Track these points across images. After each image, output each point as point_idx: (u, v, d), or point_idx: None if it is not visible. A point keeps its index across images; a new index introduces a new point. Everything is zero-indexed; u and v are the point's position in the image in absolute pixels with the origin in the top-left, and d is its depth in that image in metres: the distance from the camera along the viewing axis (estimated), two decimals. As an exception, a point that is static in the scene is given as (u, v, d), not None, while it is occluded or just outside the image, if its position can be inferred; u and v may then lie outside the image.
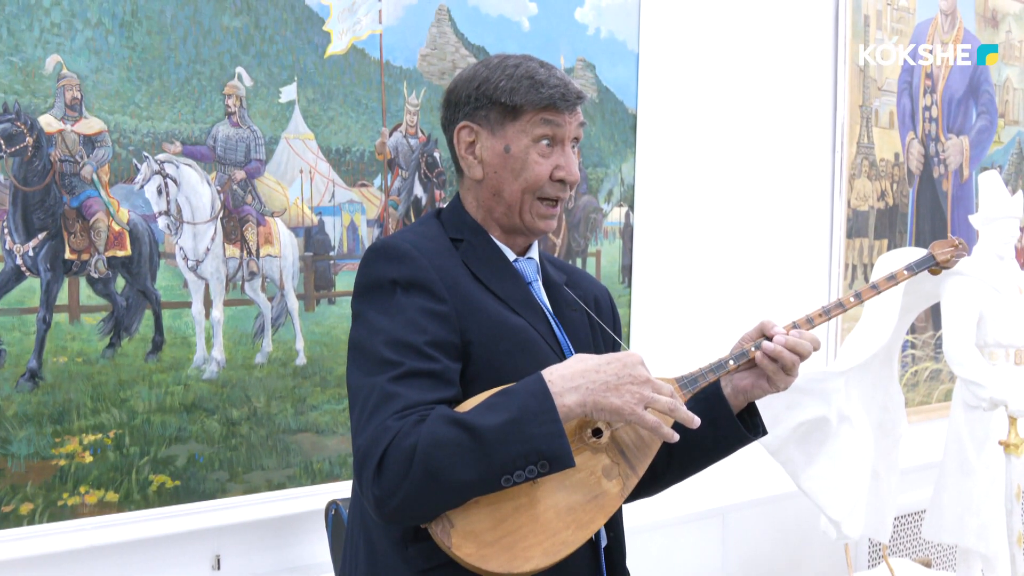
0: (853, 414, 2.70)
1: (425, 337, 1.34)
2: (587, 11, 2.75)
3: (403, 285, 1.38)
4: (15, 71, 1.88)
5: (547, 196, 1.48)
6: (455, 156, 1.52)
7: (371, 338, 1.36)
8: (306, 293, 2.28)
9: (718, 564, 3.20)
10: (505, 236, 1.53)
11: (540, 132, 1.46)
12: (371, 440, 1.28)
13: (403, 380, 1.31)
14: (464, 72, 1.52)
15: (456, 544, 1.28)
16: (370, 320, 1.37)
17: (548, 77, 1.46)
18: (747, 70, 3.21)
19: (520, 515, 1.31)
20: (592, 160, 2.80)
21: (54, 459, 1.93)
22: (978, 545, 2.97)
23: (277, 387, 2.22)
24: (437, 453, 1.24)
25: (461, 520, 1.29)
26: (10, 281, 1.90)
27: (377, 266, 1.41)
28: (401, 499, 1.25)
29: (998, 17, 4.23)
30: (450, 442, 1.25)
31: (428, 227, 1.51)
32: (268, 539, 2.23)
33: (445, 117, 1.53)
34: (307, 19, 2.23)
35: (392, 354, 1.33)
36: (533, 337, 1.44)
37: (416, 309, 1.36)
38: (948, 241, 1.74)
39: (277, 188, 2.23)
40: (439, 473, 1.24)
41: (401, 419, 1.27)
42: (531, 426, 1.26)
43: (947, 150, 4.01)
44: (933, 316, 3.89)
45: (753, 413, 1.58)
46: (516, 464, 1.25)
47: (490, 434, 1.25)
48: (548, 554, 1.31)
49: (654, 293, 2.96)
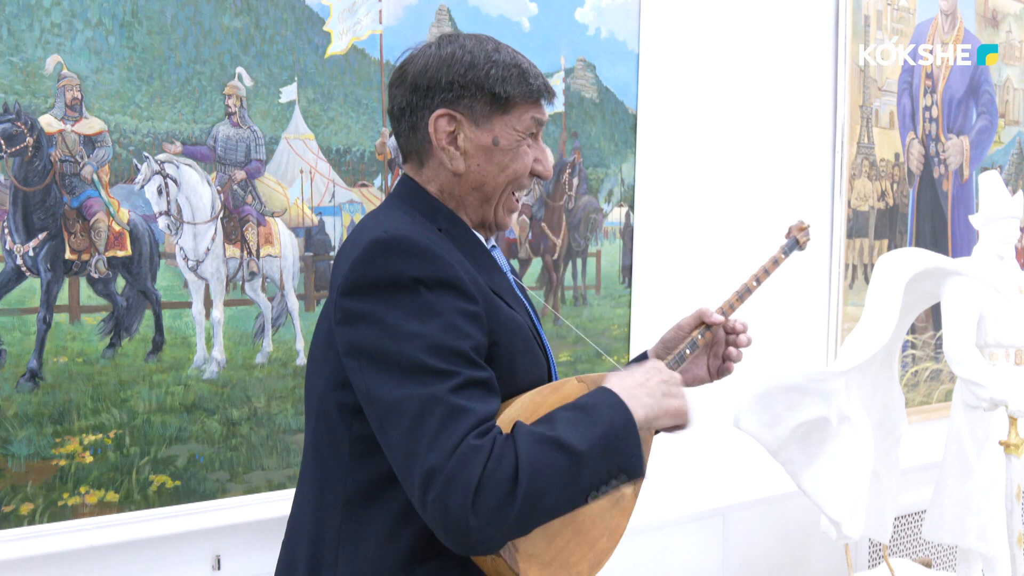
0: (853, 414, 2.70)
1: (471, 342, 1.23)
2: (587, 11, 2.75)
3: (428, 283, 1.23)
4: (15, 71, 1.88)
5: (523, 188, 1.43)
6: (419, 144, 1.39)
7: (402, 344, 1.20)
8: (306, 293, 2.28)
9: (718, 564, 3.20)
10: (473, 227, 1.45)
11: (528, 127, 1.39)
12: (456, 461, 1.14)
13: (464, 391, 1.19)
14: (430, 53, 1.38)
15: (524, 569, 1.22)
16: (392, 323, 1.21)
17: (530, 66, 1.39)
18: (747, 70, 3.21)
19: (566, 530, 1.26)
20: (592, 160, 2.80)
21: (54, 459, 1.93)
22: (978, 545, 2.97)
23: (277, 387, 2.22)
24: (540, 477, 1.16)
25: (523, 543, 1.22)
26: (10, 281, 1.90)
27: (392, 261, 1.23)
28: (503, 526, 1.15)
29: (998, 17, 4.23)
30: (550, 464, 1.17)
31: (411, 216, 1.36)
32: (268, 539, 2.23)
33: (410, 102, 1.37)
34: (307, 19, 2.23)
35: (440, 363, 1.19)
36: (530, 333, 1.39)
37: (453, 310, 1.23)
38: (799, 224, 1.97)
39: (277, 188, 2.23)
40: (543, 496, 1.17)
41: (482, 436, 1.16)
42: (619, 441, 1.24)
43: (947, 150, 4.01)
44: (933, 316, 3.89)
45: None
46: (602, 479, 1.23)
47: (586, 453, 1.20)
48: (593, 566, 1.29)
49: (654, 293, 2.96)
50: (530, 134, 1.40)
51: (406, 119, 1.39)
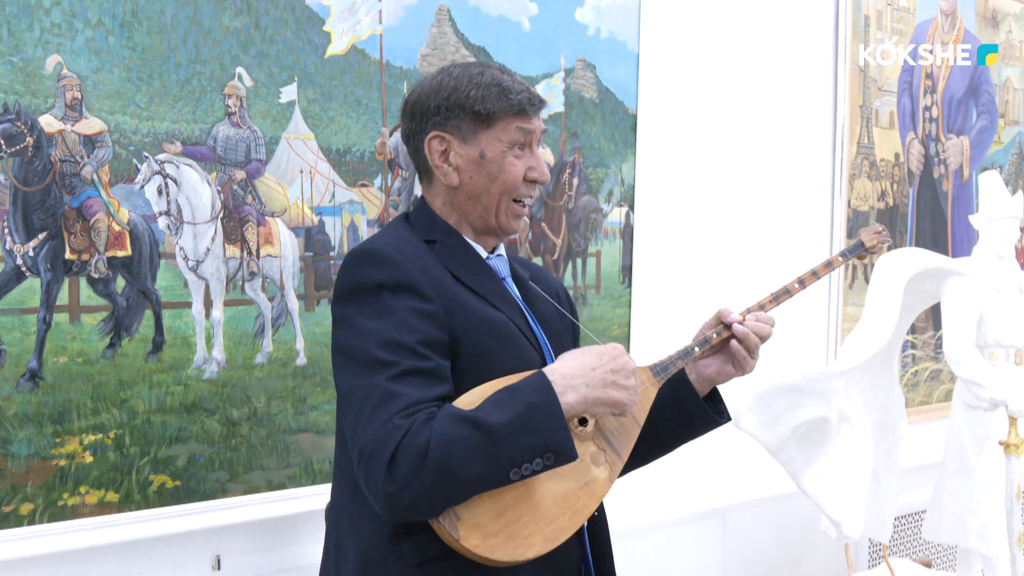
0: (853, 414, 2.70)
1: (417, 336, 1.38)
2: (587, 11, 2.75)
3: (389, 287, 1.41)
4: (15, 71, 1.88)
5: (520, 197, 1.56)
6: (422, 164, 1.57)
7: (361, 341, 1.38)
8: (306, 293, 2.28)
9: (718, 564, 3.21)
10: (476, 236, 1.59)
11: (513, 138, 1.52)
12: (379, 438, 1.31)
13: (401, 379, 1.35)
14: (424, 84, 1.56)
15: (464, 536, 1.34)
16: (357, 324, 1.40)
17: (513, 83, 1.53)
18: (747, 70, 3.21)
19: (520, 505, 1.38)
20: (592, 160, 2.80)
21: (54, 459, 1.93)
22: (978, 545, 2.98)
23: (277, 387, 2.22)
24: (449, 450, 1.29)
25: (467, 513, 1.34)
26: (10, 281, 1.90)
27: (360, 270, 1.44)
28: (413, 495, 1.30)
29: (998, 17, 4.23)
30: (462, 439, 1.30)
31: (400, 231, 1.55)
32: (268, 539, 2.23)
33: (409, 129, 1.57)
34: (307, 19, 2.23)
35: (386, 354, 1.36)
36: (513, 331, 1.51)
37: (405, 310, 1.40)
38: (873, 228, 1.86)
39: (277, 188, 2.23)
40: (452, 470, 1.29)
41: (408, 417, 1.31)
42: (538, 421, 1.33)
43: (947, 150, 4.01)
44: (933, 316, 3.89)
45: (717, 400, 1.71)
46: (524, 458, 1.32)
47: (500, 430, 1.31)
48: (548, 540, 1.39)
49: (654, 293, 2.96)
50: (518, 144, 1.54)
51: (411, 144, 1.58)
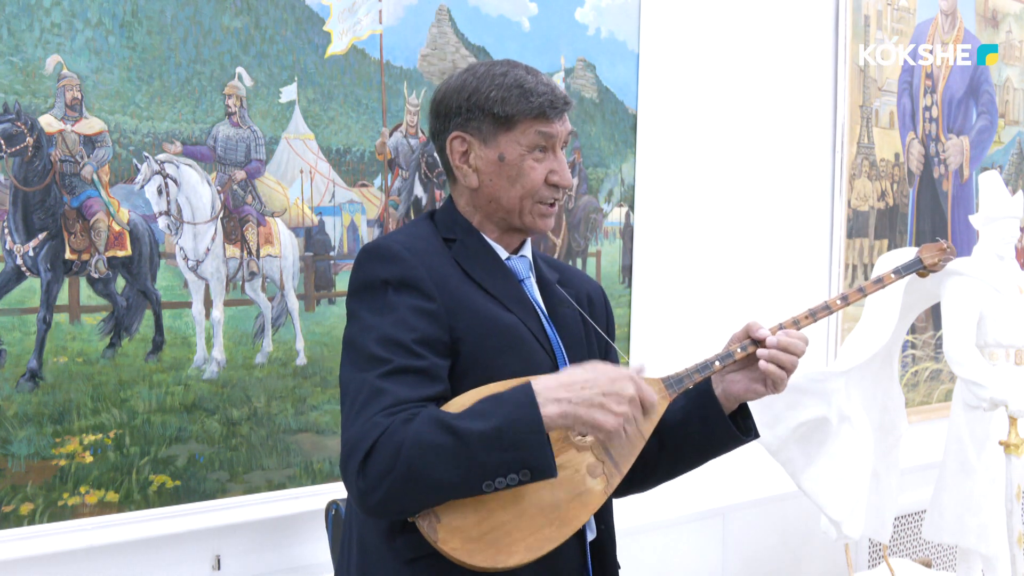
0: (853, 414, 2.70)
1: (414, 335, 1.38)
2: (587, 11, 2.75)
3: (394, 284, 1.41)
4: (15, 71, 1.88)
5: (543, 200, 1.51)
6: (447, 164, 1.55)
7: (362, 336, 1.39)
8: (306, 293, 2.28)
9: (718, 564, 3.21)
10: (501, 235, 1.55)
11: (533, 141, 1.49)
12: (359, 434, 1.31)
13: (391, 376, 1.35)
14: (450, 82, 1.54)
15: (442, 539, 1.32)
16: (362, 318, 1.41)
17: (536, 84, 1.48)
18: (747, 70, 3.21)
19: (505, 511, 1.35)
20: (592, 160, 2.80)
21: (54, 459, 1.93)
22: (978, 545, 2.97)
23: (277, 387, 2.22)
24: (421, 454, 1.28)
25: (447, 515, 1.33)
26: (10, 281, 1.90)
27: (369, 266, 1.44)
28: (383, 494, 1.30)
29: (998, 17, 4.23)
30: (435, 445, 1.28)
31: (420, 227, 1.55)
32: (268, 539, 2.23)
33: (434, 127, 1.56)
34: (307, 19, 2.23)
35: (382, 351, 1.36)
36: (523, 334, 1.47)
37: (406, 307, 1.39)
38: (937, 245, 1.74)
39: (277, 188, 2.23)
40: (421, 473, 1.28)
41: (390, 416, 1.31)
42: (516, 436, 1.29)
43: (947, 150, 4.01)
44: (933, 316, 3.89)
45: (746, 415, 1.62)
46: (498, 471, 1.29)
47: (475, 440, 1.28)
48: (531, 550, 1.35)
49: (654, 293, 2.96)
50: (539, 147, 1.49)
51: (436, 143, 1.57)
